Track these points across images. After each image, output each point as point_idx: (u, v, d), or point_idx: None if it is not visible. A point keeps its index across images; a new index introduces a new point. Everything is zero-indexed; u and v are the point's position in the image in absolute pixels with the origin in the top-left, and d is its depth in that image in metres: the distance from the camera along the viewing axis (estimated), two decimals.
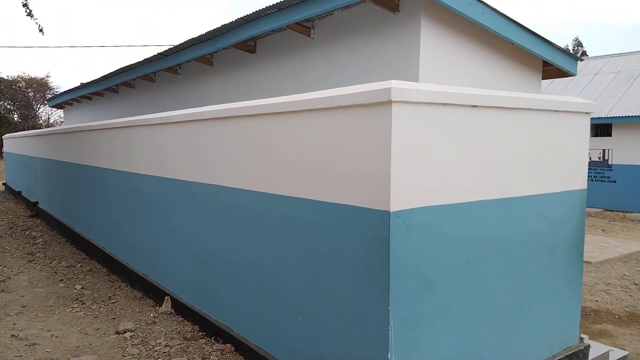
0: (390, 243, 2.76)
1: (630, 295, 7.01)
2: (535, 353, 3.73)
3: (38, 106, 47.55)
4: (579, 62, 6.98)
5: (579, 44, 60.57)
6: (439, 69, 5.31)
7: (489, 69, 5.92)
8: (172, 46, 8.84)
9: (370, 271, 2.90)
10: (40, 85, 46.05)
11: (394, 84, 2.72)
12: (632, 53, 18.18)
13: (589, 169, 15.06)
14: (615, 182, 15.32)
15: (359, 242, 2.97)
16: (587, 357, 4.12)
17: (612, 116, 14.96)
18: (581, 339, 4.14)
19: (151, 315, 5.30)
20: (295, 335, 3.59)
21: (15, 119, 44.82)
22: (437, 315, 3.04)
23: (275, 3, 6.03)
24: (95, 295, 6.06)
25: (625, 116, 14.66)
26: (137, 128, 5.98)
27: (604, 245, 10.00)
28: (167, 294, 5.50)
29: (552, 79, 18.83)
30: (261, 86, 7.44)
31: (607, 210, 15.31)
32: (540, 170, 3.63)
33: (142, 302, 5.84)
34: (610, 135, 15.42)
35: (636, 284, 7.54)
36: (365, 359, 2.98)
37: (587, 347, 4.11)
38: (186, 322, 5.09)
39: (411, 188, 2.83)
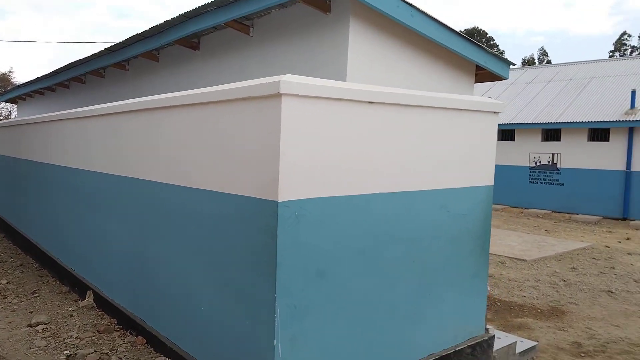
0: (278, 233, 2.86)
1: (557, 291, 7.31)
2: (437, 342, 3.89)
3: None
4: (528, 69, 7.23)
5: (544, 53, 62.36)
6: (369, 70, 5.45)
7: (423, 71, 6.10)
8: (119, 42, 8.80)
9: (261, 261, 2.99)
10: (1, 81, 44.75)
11: (285, 77, 2.83)
12: (583, 62, 18.85)
13: (539, 171, 15.59)
14: (563, 184, 15.86)
15: (252, 232, 3.06)
16: (492, 347, 4.31)
17: (561, 121, 15.48)
18: (487, 329, 4.32)
19: (70, 309, 5.30)
20: (199, 326, 3.67)
21: None
22: (329, 304, 3.16)
23: (214, 0, 6.09)
24: (20, 290, 6.01)
25: (573, 122, 15.20)
26: (65, 122, 5.96)
27: (542, 244, 10.37)
28: (91, 288, 5.51)
29: (497, 85, 19.36)
30: (203, 82, 7.47)
31: (554, 212, 15.84)
32: (444, 166, 3.79)
33: (67, 296, 5.83)
34: (560, 140, 15.96)
35: (564, 281, 7.87)
36: (255, 347, 3.08)
37: (492, 337, 4.30)
38: (105, 316, 5.10)
39: (302, 179, 2.93)
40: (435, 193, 3.73)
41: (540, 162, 16.37)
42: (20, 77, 63.19)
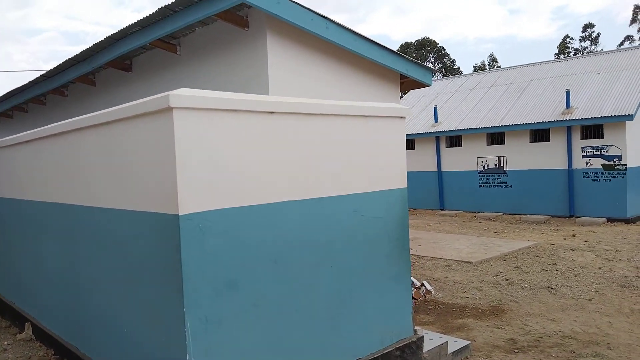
0: (182, 246, 2.84)
1: (500, 291, 7.47)
2: (362, 347, 3.91)
3: None
4: (471, 75, 7.41)
5: (494, 59, 64.48)
6: (292, 82, 5.51)
7: (346, 81, 6.21)
8: (54, 67, 8.64)
9: (168, 275, 2.96)
10: None
11: (175, 91, 2.83)
12: (521, 66, 19.57)
13: (487, 175, 15.98)
14: (511, 187, 16.31)
15: (158, 247, 3.04)
16: (421, 348, 4.36)
17: (504, 124, 15.97)
18: (415, 331, 4.37)
19: (5, 342, 5.12)
20: (124, 347, 3.59)
21: None
22: (243, 314, 3.14)
23: (137, 20, 6.06)
24: None
25: (515, 124, 15.71)
26: None
27: (489, 246, 10.60)
28: (29, 320, 5.34)
29: (443, 92, 19.87)
30: None
31: (505, 214, 16.24)
32: (353, 171, 3.85)
33: (6, 330, 5.65)
34: (504, 143, 16.44)
35: (507, 280, 8.05)
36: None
37: (421, 338, 4.35)
38: (42, 348, 4.96)
39: (203, 191, 2.93)
40: (346, 198, 3.78)
41: (488, 165, 16.81)
42: None
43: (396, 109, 4.21)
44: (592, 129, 14.77)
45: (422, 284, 7.49)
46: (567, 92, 15.09)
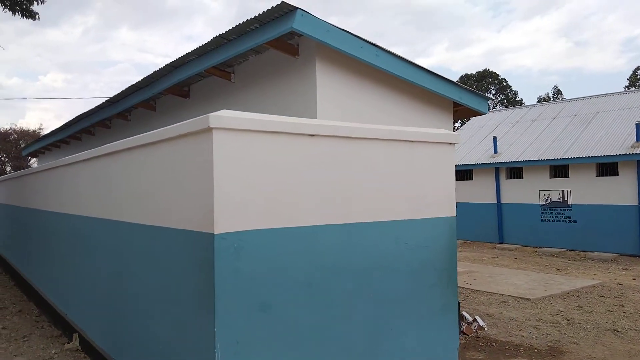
0: (215, 265, 2.85)
1: (559, 331, 7.01)
2: None
3: (29, 158, 48.13)
4: (533, 106, 7.16)
5: (558, 91, 62.47)
6: (340, 108, 5.53)
7: (398, 108, 6.16)
8: (118, 93, 9.15)
9: (200, 294, 2.97)
10: (32, 137, 46.74)
11: (217, 112, 2.90)
12: (587, 97, 18.76)
13: (550, 209, 15.29)
14: (575, 222, 15.47)
15: (193, 265, 3.06)
16: None
17: (568, 157, 15.28)
18: None
19: (52, 351, 5.33)
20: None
21: (9, 170, 45.26)
22: (274, 338, 3.09)
23: (194, 49, 6.33)
24: (12, 334, 6.12)
25: (580, 157, 14.98)
26: (51, 170, 6.14)
27: (550, 282, 10.02)
28: (77, 331, 5.54)
29: (503, 123, 19.33)
30: None
31: (569, 250, 15.37)
32: (397, 197, 3.77)
33: (56, 340, 5.88)
34: (568, 176, 15.69)
35: (568, 319, 7.55)
36: None
37: None
38: (87, 359, 5.10)
39: (240, 211, 2.94)
40: (387, 225, 3.69)
41: (550, 199, 16.06)
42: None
43: (444, 135, 4.11)
44: None
45: (475, 319, 7.16)
46: (638, 125, 14.29)
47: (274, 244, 3.09)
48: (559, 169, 16.03)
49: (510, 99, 60.53)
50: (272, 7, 4.91)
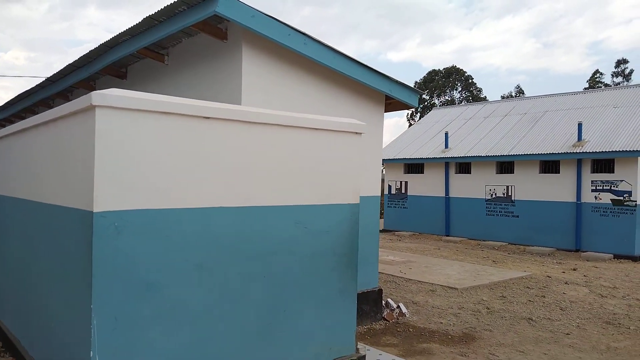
0: (94, 243, 2.88)
1: (477, 319, 7.31)
2: None
3: None
4: (487, 103, 7.34)
5: (520, 90, 63.94)
6: (266, 94, 5.59)
7: (330, 99, 6.26)
8: (57, 72, 8.95)
9: (82, 271, 3.01)
10: None
11: (100, 91, 2.92)
12: (538, 97, 19.35)
13: (495, 204, 15.75)
14: (518, 217, 16.01)
15: (76, 243, 3.09)
16: None
17: (513, 154, 15.76)
18: (357, 349, 4.31)
19: None
20: (50, 341, 3.64)
21: None
22: (161, 316, 3.16)
23: (126, 29, 6.26)
24: None
25: (525, 154, 15.48)
26: None
27: (481, 273, 10.39)
28: None
29: (457, 119, 19.75)
30: None
31: (511, 244, 15.92)
32: (299, 183, 3.87)
33: None
34: (513, 172, 16.21)
35: (488, 308, 7.87)
36: (75, 357, 3.06)
37: (362, 357, 4.29)
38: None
39: (123, 190, 2.98)
40: (288, 209, 3.80)
41: (495, 194, 16.56)
42: None
43: (351, 125, 4.22)
44: (603, 163, 14.45)
45: (398, 306, 7.39)
46: (580, 125, 14.85)
47: (162, 224, 3.15)
48: (505, 165, 16.53)
49: (475, 96, 61.65)
50: None
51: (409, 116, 58.82)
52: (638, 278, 11.20)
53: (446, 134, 18.35)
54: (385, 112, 7.42)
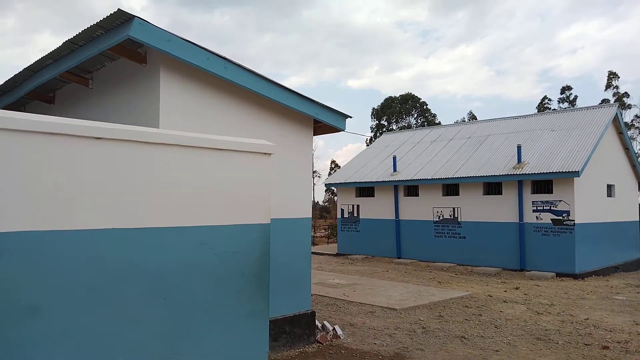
0: None
1: (411, 338, 7.34)
2: None
3: None
4: (434, 128, 7.48)
5: (473, 116, 66.17)
6: (186, 118, 5.58)
7: (252, 122, 6.30)
8: None
9: None
10: None
11: None
12: (482, 121, 20.04)
13: (442, 226, 16.03)
14: (464, 238, 16.34)
15: None
16: None
17: (458, 176, 16.17)
18: None
19: None
20: None
21: None
22: (48, 341, 3.04)
23: (48, 53, 6.17)
24: None
25: (469, 177, 15.90)
26: None
27: (423, 294, 10.49)
28: None
29: (405, 144, 20.17)
30: None
31: (459, 265, 16.18)
32: (203, 203, 3.84)
33: None
34: (459, 194, 16.59)
35: (424, 328, 7.93)
36: None
37: None
38: None
39: (4, 211, 2.89)
40: (190, 230, 3.75)
41: (443, 216, 16.88)
42: None
43: (259, 145, 4.25)
44: (543, 184, 14.99)
45: (334, 328, 7.35)
46: (519, 147, 15.40)
47: (45, 246, 3.05)
48: (451, 188, 16.92)
49: (430, 122, 63.29)
50: (111, 13, 4.91)
51: (368, 141, 59.76)
52: (576, 295, 11.56)
53: (394, 157, 18.69)
54: (316, 134, 7.53)
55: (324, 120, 6.82)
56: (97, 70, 6.54)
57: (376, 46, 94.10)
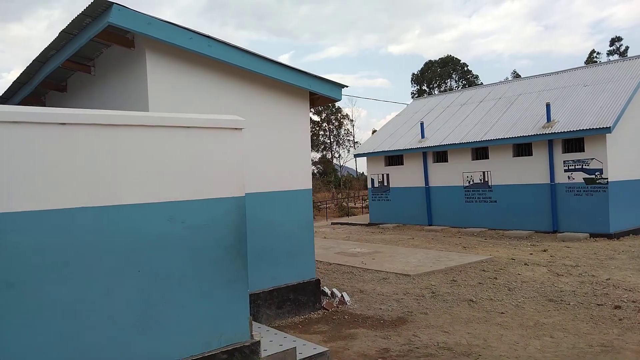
0: None
1: (418, 303, 7.43)
2: (180, 349, 4.04)
3: None
4: (465, 90, 7.45)
5: (517, 76, 63.75)
6: (176, 98, 5.78)
7: (242, 97, 6.43)
8: (5, 90, 9.22)
9: None
10: None
11: None
12: (512, 80, 19.37)
13: (473, 191, 15.82)
14: (495, 202, 16.06)
15: None
16: (257, 353, 4.44)
17: (487, 139, 15.81)
18: (252, 335, 4.47)
19: None
20: None
21: None
22: (23, 314, 3.35)
23: (50, 44, 6.48)
24: None
25: (497, 139, 15.52)
26: None
27: (441, 259, 10.50)
28: None
29: (435, 109, 19.84)
30: None
31: (490, 230, 15.97)
32: (174, 179, 4.03)
33: None
34: (488, 158, 16.25)
35: (434, 292, 7.99)
36: None
37: (256, 343, 4.45)
38: None
39: None
40: (161, 205, 3.96)
41: (473, 181, 16.62)
42: None
43: (228, 121, 4.38)
44: (574, 143, 14.47)
45: (342, 295, 7.54)
46: (548, 106, 14.87)
47: (18, 226, 3.34)
48: (480, 151, 16.58)
49: (471, 84, 61.50)
50: (93, 1, 5.11)
51: None
52: (605, 255, 11.24)
53: (421, 123, 18.43)
54: (314, 106, 7.59)
55: (318, 92, 6.87)
56: (97, 57, 6.82)
57: (416, 8, 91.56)
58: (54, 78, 7.72)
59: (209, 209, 4.25)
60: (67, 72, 7.64)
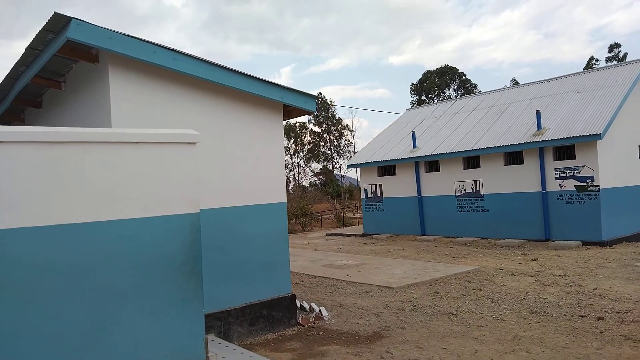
0: None
1: (397, 317, 7.29)
2: None
3: None
4: (457, 100, 7.35)
5: (516, 83, 63.83)
6: (140, 113, 5.70)
7: (212, 111, 6.35)
8: None
9: None
10: None
11: None
12: (505, 89, 19.30)
13: (465, 200, 15.69)
14: (487, 210, 15.91)
15: None
16: None
17: (477, 148, 15.71)
18: (208, 357, 4.35)
19: None
20: None
21: None
22: None
23: (18, 60, 6.44)
24: None
25: (488, 147, 15.42)
26: None
27: (427, 271, 10.35)
28: None
29: (427, 118, 19.75)
30: None
31: (482, 239, 15.81)
32: (121, 197, 3.94)
33: None
34: (479, 167, 16.13)
35: (414, 306, 7.85)
36: None
37: None
38: None
39: None
40: (107, 224, 3.87)
41: (465, 190, 16.49)
42: None
43: (181, 135, 4.30)
44: (565, 150, 14.35)
45: (320, 310, 7.41)
46: (538, 113, 14.78)
47: None
48: (471, 160, 16.47)
49: (470, 93, 61.51)
50: (51, 17, 5.06)
51: None
52: (595, 263, 11.08)
53: (413, 133, 18.35)
54: (289, 117, 7.52)
55: (291, 104, 6.79)
56: (67, 73, 6.76)
57: (416, 19, 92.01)
58: (28, 94, 7.68)
59: (159, 226, 4.14)
60: (40, 89, 7.59)
